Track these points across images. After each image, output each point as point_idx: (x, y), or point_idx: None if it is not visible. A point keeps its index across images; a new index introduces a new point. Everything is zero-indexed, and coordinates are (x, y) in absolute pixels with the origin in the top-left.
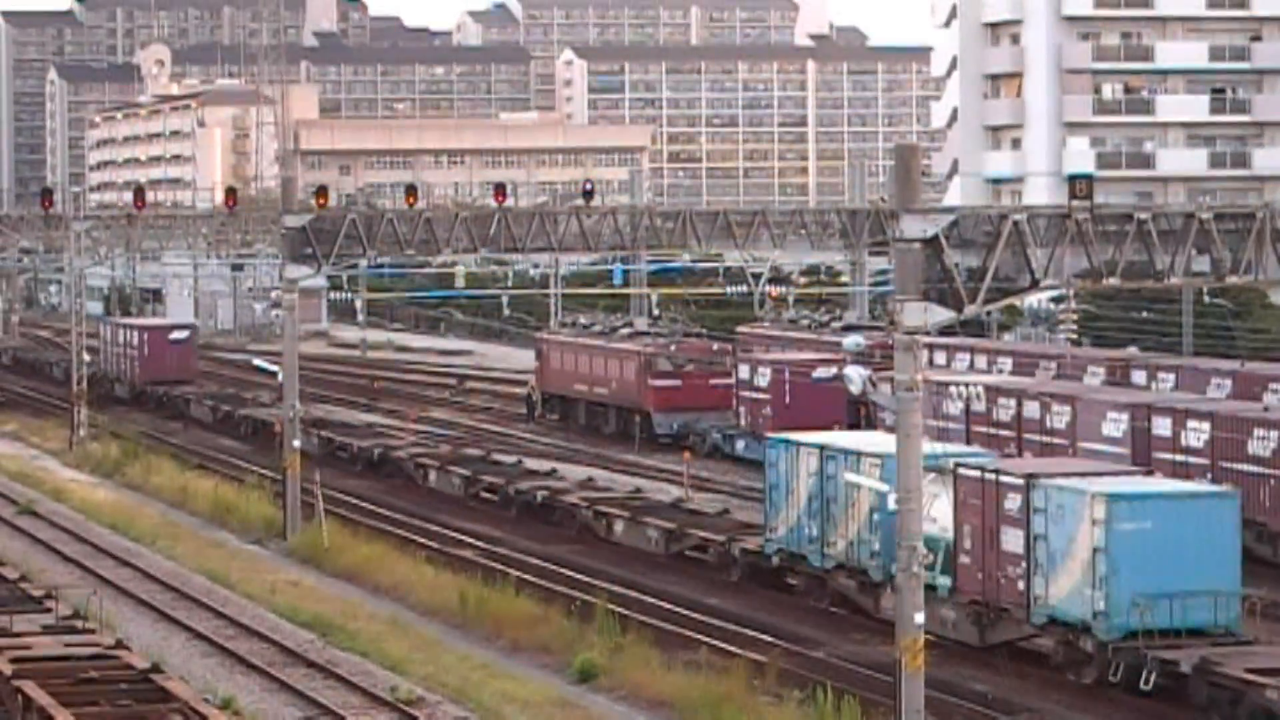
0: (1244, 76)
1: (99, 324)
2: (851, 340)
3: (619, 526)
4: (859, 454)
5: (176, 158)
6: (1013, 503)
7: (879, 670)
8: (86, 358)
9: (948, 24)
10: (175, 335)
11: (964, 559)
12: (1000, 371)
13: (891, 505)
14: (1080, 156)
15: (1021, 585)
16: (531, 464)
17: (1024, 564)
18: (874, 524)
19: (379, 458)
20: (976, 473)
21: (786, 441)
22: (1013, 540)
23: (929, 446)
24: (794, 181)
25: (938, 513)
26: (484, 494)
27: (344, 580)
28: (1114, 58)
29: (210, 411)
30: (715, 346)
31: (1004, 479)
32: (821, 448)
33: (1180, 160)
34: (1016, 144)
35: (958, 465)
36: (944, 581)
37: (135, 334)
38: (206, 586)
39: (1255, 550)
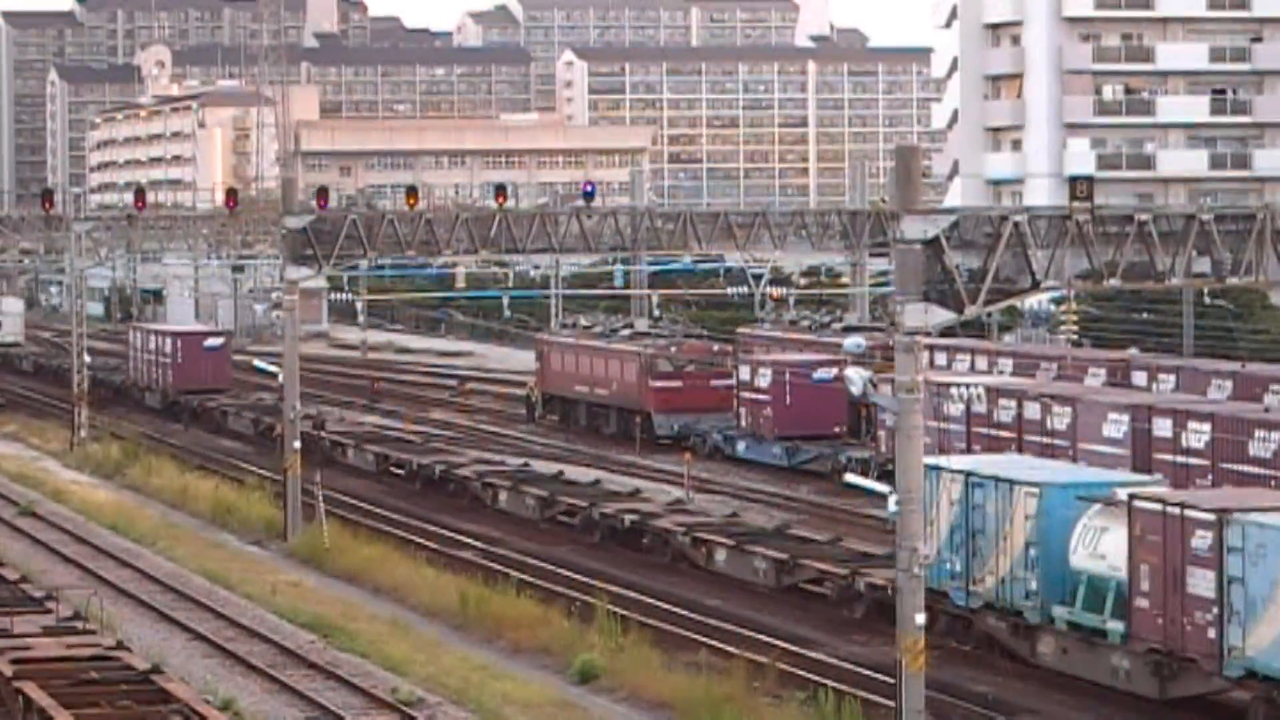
0: (1244, 77)
1: (128, 330)
2: (852, 341)
3: (721, 555)
4: (1011, 481)
5: (177, 159)
6: (1202, 541)
7: (880, 671)
8: (88, 359)
9: (948, 25)
10: (210, 342)
11: (1140, 602)
12: (1001, 373)
13: (892, 507)
14: (1081, 158)
15: (1212, 634)
16: (612, 484)
17: (1216, 610)
18: (1030, 560)
19: (440, 476)
20: (1156, 506)
21: (926, 467)
22: (1202, 583)
23: (1094, 474)
24: (794, 182)
25: (1107, 549)
26: (561, 517)
27: (345, 581)
28: (1114, 59)
29: (251, 424)
30: (716, 347)
31: (1191, 514)
32: (967, 474)
33: (1181, 161)
34: (1017, 145)
35: (1133, 497)
36: (1116, 627)
37: (168, 340)
38: (207, 587)
39: None
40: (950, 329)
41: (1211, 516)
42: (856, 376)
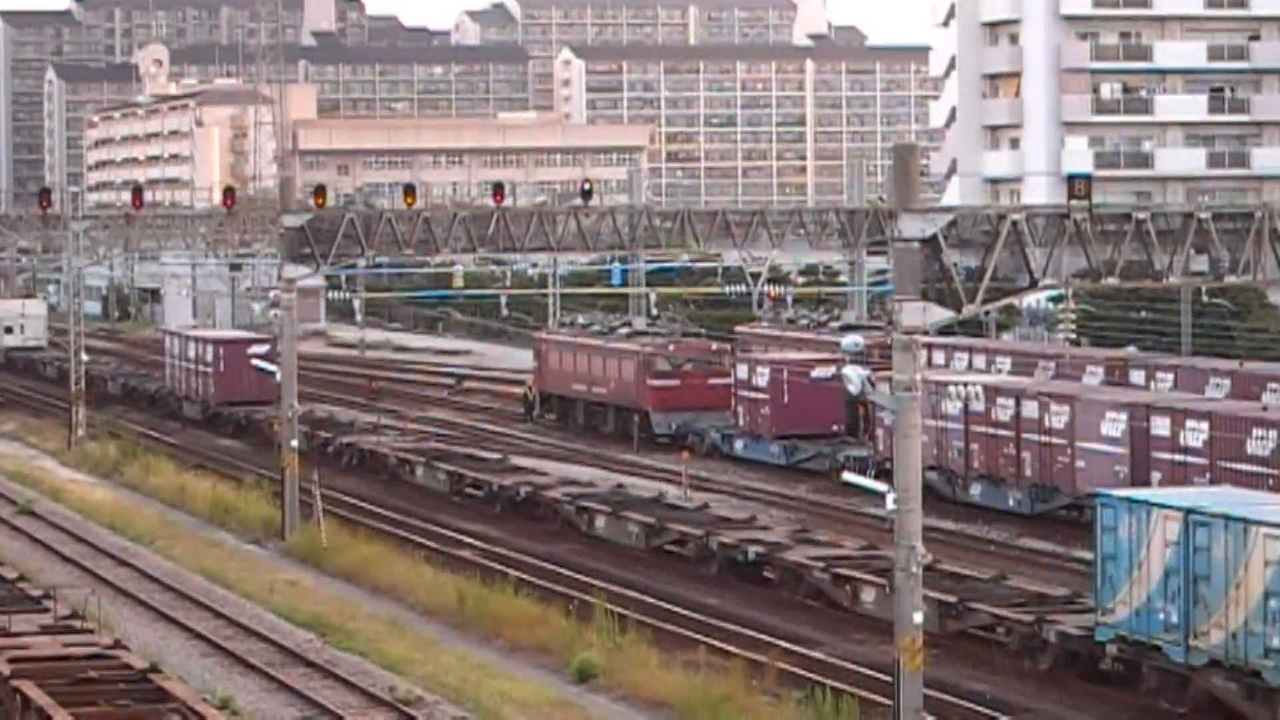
0: (1242, 76)
1: (164, 336)
2: (850, 340)
3: (869, 597)
4: (1245, 521)
5: (174, 157)
6: None
7: (878, 670)
8: (86, 358)
9: (946, 24)
10: (255, 349)
11: None
12: (999, 371)
13: (890, 505)
14: (1079, 156)
15: None
16: (725, 510)
17: None
18: (1271, 612)
19: (526, 498)
20: None
21: (1132, 501)
22: None
23: None
24: (792, 181)
25: None
26: (672, 546)
27: (342, 580)
28: (1112, 57)
29: (304, 438)
30: (714, 346)
31: None
32: (1187, 511)
33: (1179, 160)
34: (1015, 144)
35: None
36: None
37: (209, 348)
38: (205, 586)
39: None
40: (948, 327)
41: None
42: (854, 375)
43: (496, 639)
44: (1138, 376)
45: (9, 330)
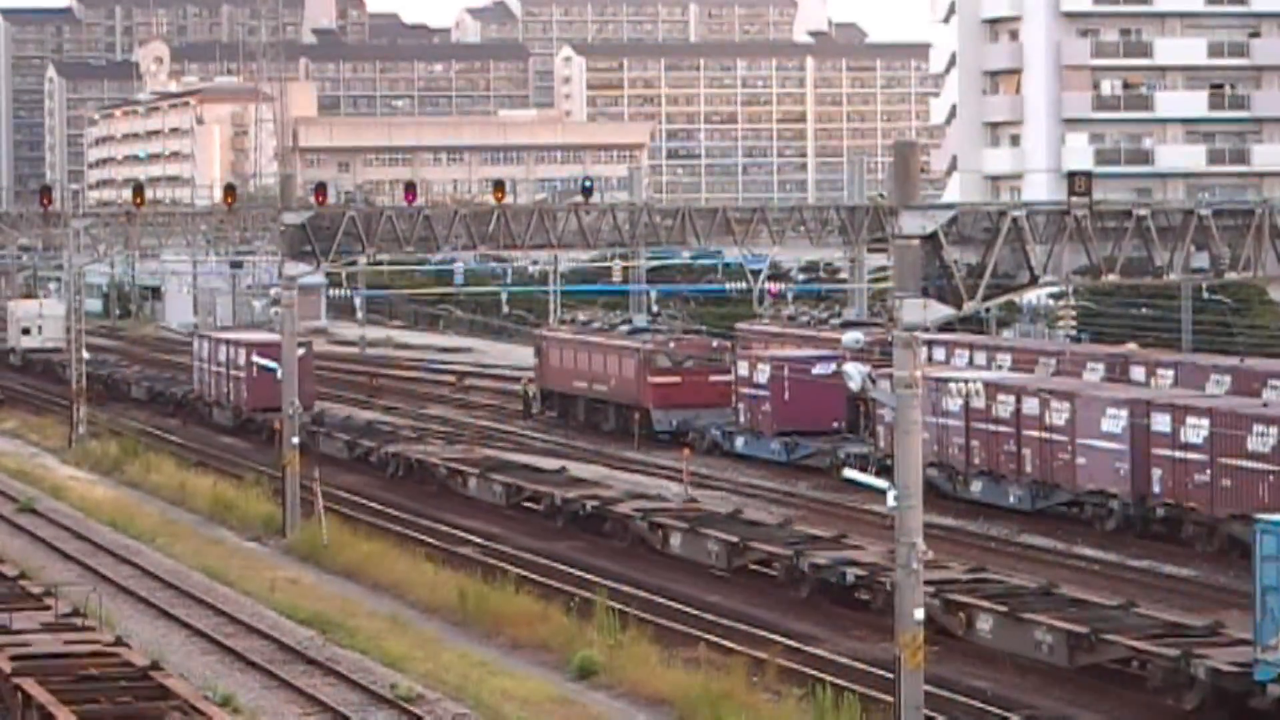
0: (1243, 73)
1: (194, 339)
2: (851, 337)
3: (984, 624)
4: None
5: (175, 155)
6: None
7: (878, 667)
8: (86, 355)
9: (947, 20)
10: None
11: None
12: (999, 368)
13: (891, 502)
14: (1079, 153)
15: None
16: (806, 521)
17: None
18: None
19: (592, 513)
20: None
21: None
22: None
23: None
24: (793, 178)
25: None
26: (756, 566)
27: (343, 578)
28: (1113, 54)
29: (346, 447)
30: (714, 343)
31: None
32: None
33: (1179, 156)
34: (1015, 140)
35: None
36: None
37: (242, 352)
38: (206, 584)
39: None
40: (949, 324)
41: None
42: (855, 372)
43: (497, 636)
44: (1138, 373)
45: (26, 331)
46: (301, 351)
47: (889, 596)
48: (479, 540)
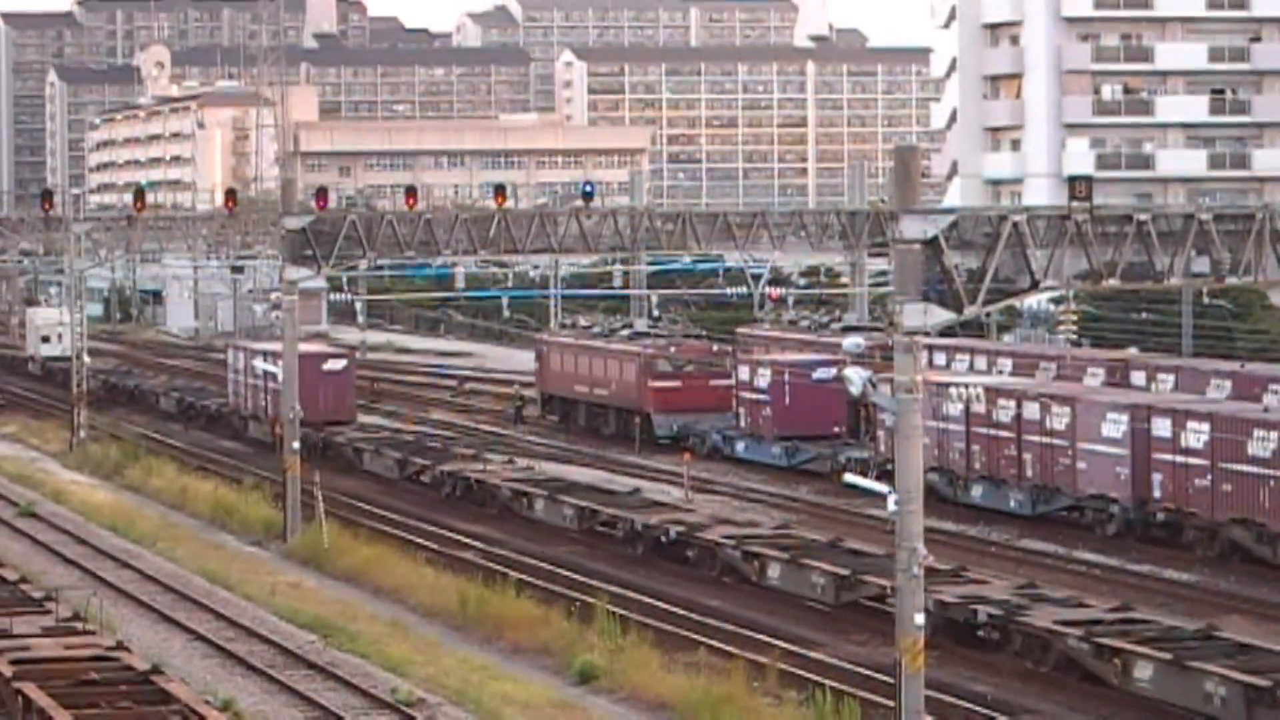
0: (1243, 77)
1: (228, 349)
2: (851, 341)
3: (1143, 671)
4: None
5: (176, 159)
6: None
7: (879, 671)
8: (88, 359)
9: (947, 25)
10: (330, 365)
11: None
12: (1000, 373)
13: (891, 507)
14: (1080, 157)
15: None
16: (929, 554)
17: None
18: None
19: (677, 539)
20: None
21: None
22: None
23: None
24: (793, 183)
25: None
26: (868, 602)
27: (344, 582)
28: (1113, 59)
29: (396, 466)
30: (715, 348)
31: None
32: None
33: (1180, 161)
34: (1016, 145)
35: None
36: None
37: (279, 363)
38: (207, 588)
39: (1255, 551)
40: (949, 329)
41: None
42: (856, 376)
43: (498, 640)
44: (1139, 378)
45: (46, 339)
46: (343, 363)
47: (1027, 639)
48: (480, 544)
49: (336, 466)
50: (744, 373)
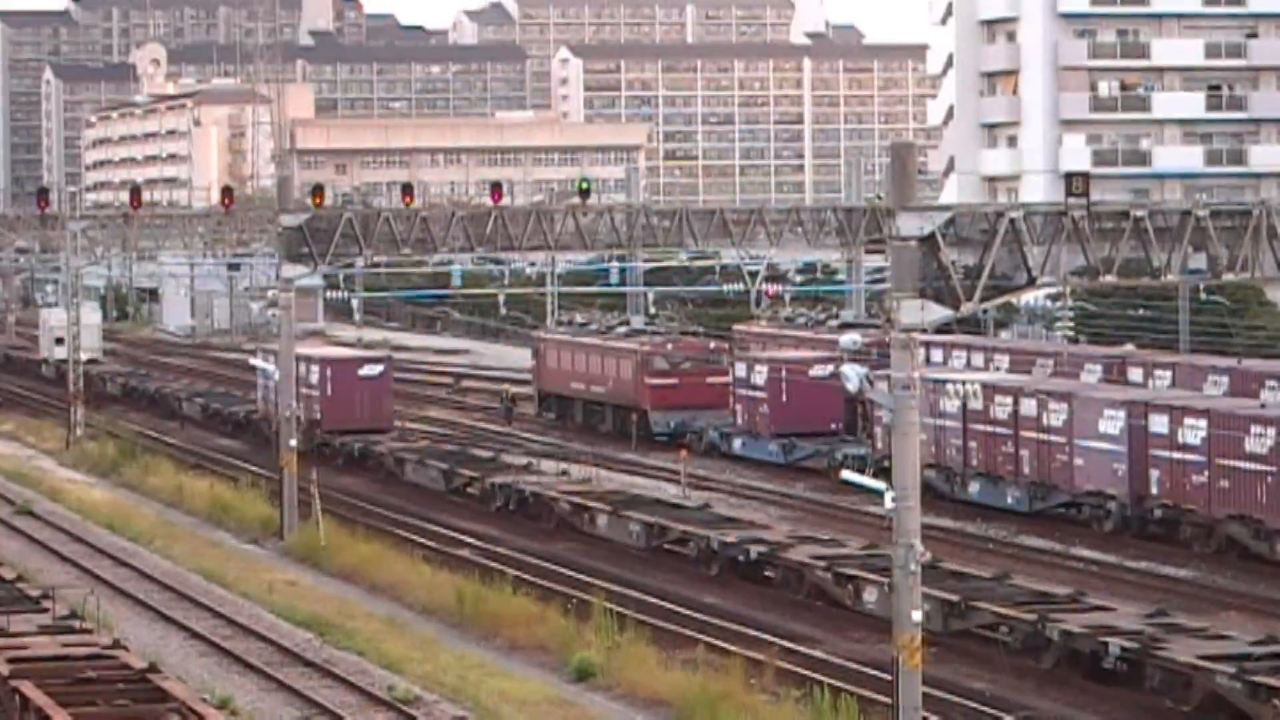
0: (1240, 73)
1: (259, 353)
2: (848, 338)
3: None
4: None
5: (172, 157)
6: None
7: (876, 668)
8: (84, 356)
9: (944, 21)
10: (366, 370)
11: None
12: (997, 369)
13: (889, 504)
14: (1077, 154)
15: None
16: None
17: None
18: None
19: (758, 559)
20: None
21: None
22: None
23: None
24: (790, 179)
25: None
26: (982, 632)
27: (341, 579)
28: (1110, 55)
29: (442, 477)
30: (712, 345)
31: None
32: None
33: (1177, 157)
34: (1013, 141)
35: None
36: None
37: (314, 369)
38: (203, 586)
39: (1252, 547)
40: (946, 325)
41: None
42: (853, 373)
43: (495, 638)
44: (1136, 374)
45: (60, 341)
46: (380, 368)
47: (1167, 675)
48: (476, 542)
49: (375, 476)
50: (741, 370)
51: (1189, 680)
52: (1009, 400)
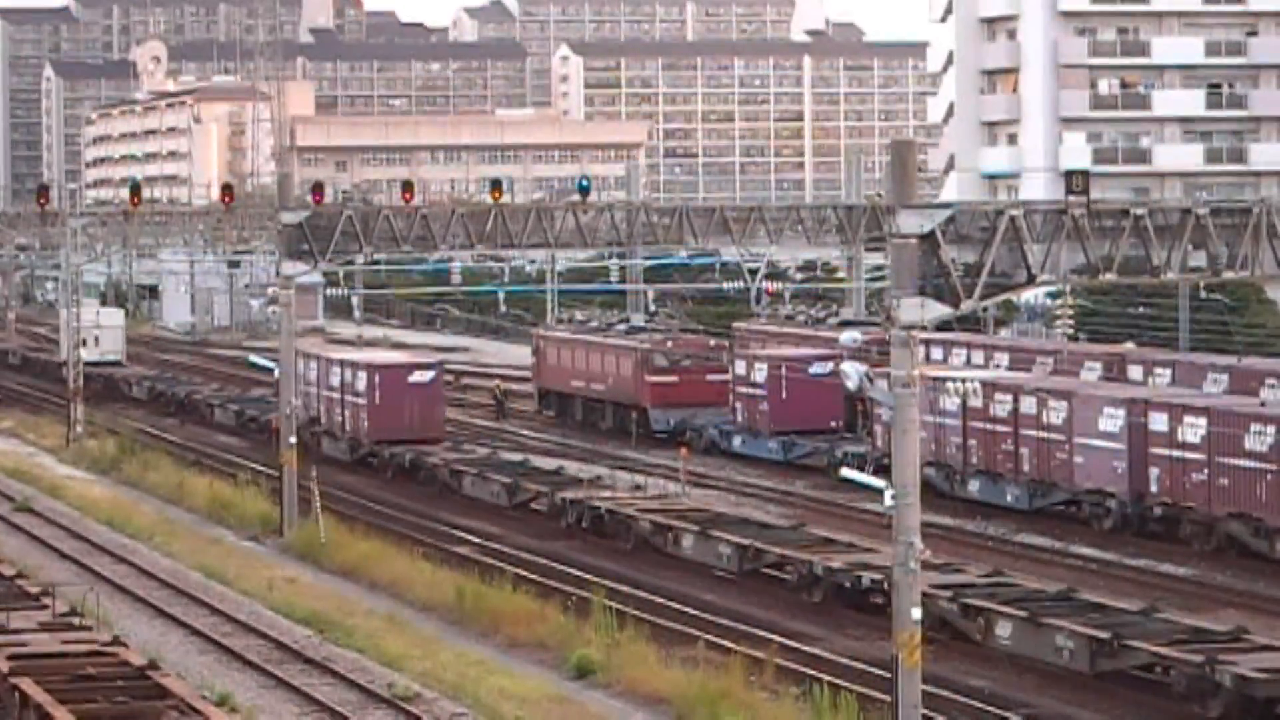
0: (1240, 71)
1: (298, 357)
2: (848, 336)
3: None
4: None
5: (173, 154)
6: None
7: (876, 666)
8: (82, 353)
9: (944, 19)
10: (417, 376)
11: None
12: (997, 367)
13: (888, 501)
14: (1077, 152)
15: None
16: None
17: None
18: None
19: (871, 586)
20: None
21: None
22: None
23: None
24: (790, 177)
25: None
26: (1120, 667)
27: (341, 577)
28: (1110, 53)
29: (504, 491)
30: (712, 342)
31: None
32: None
33: (1177, 155)
34: (1013, 139)
35: None
36: None
37: (361, 375)
38: (203, 583)
39: (1252, 545)
40: (946, 323)
41: None
42: (852, 371)
43: (495, 635)
44: (1136, 372)
45: (83, 343)
46: (431, 374)
47: None
48: (476, 539)
49: (428, 489)
50: (741, 367)
51: None
52: (1009, 398)
